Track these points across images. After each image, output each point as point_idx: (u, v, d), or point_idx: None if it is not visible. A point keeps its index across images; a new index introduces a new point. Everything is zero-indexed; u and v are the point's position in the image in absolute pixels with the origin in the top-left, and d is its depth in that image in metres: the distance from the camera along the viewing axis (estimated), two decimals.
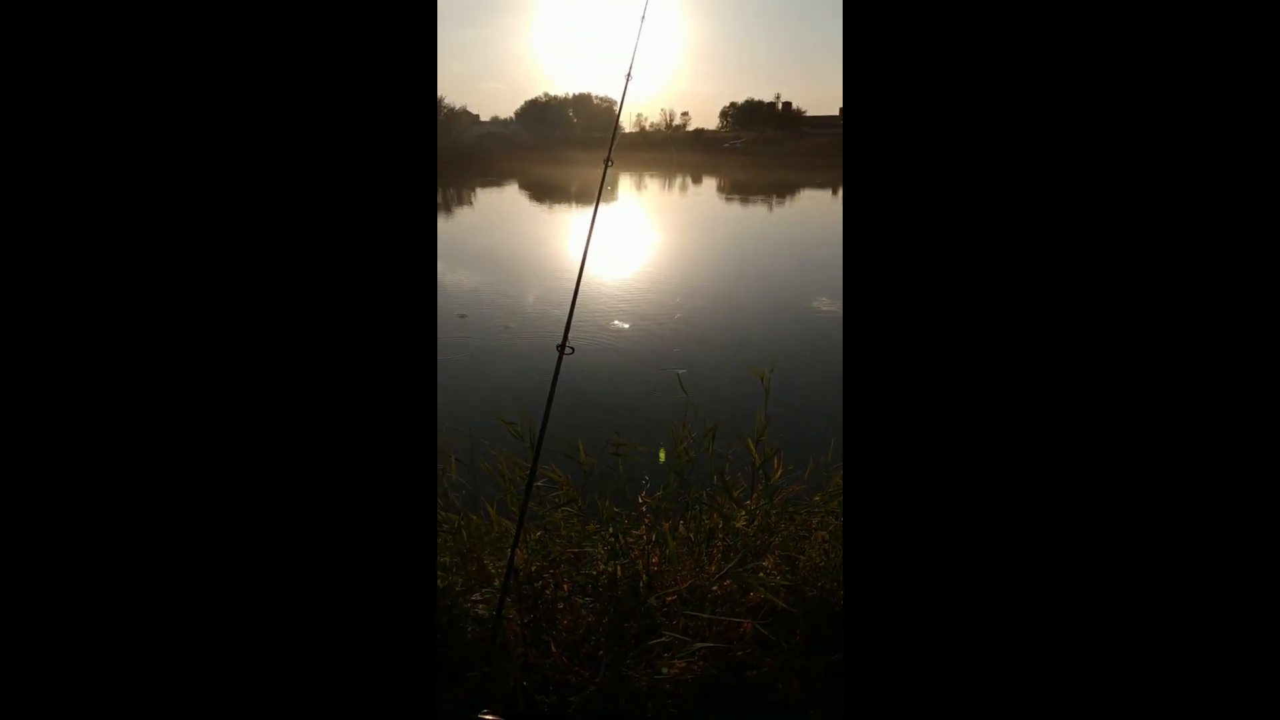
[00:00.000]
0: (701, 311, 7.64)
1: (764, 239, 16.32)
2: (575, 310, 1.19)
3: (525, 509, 1.07)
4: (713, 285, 9.27)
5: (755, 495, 1.73)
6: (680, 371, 5.20)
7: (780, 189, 29.28)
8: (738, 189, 31.08)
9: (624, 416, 4.32)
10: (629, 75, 1.43)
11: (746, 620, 1.39)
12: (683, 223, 20.22)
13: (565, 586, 1.49)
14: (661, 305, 7.92)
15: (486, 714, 1.03)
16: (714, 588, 1.48)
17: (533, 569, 1.51)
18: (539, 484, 1.50)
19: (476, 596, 1.33)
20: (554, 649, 1.31)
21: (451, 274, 10.41)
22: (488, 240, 15.28)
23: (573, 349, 1.09)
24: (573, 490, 1.59)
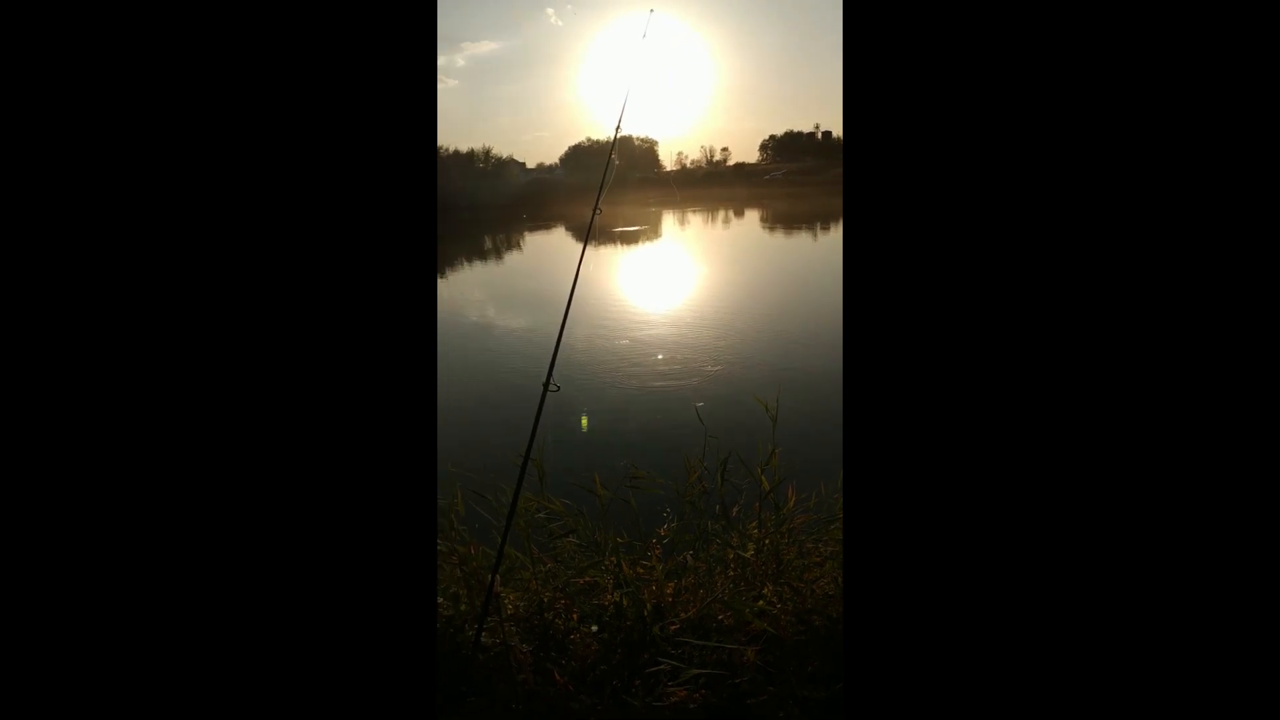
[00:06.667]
0: (738, 343, 7.65)
1: (808, 268, 16.23)
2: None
3: (505, 538, 1.13)
4: (749, 318, 9.27)
5: (762, 525, 1.74)
6: (699, 405, 5.22)
7: (823, 217, 29.14)
8: (780, 220, 31.08)
9: (648, 449, 4.39)
10: (619, 126, 1.52)
11: (750, 648, 1.40)
12: (725, 256, 20.32)
13: (574, 616, 1.53)
14: (697, 341, 7.97)
15: None
16: (719, 617, 1.49)
17: (544, 598, 1.56)
18: (540, 515, 1.56)
19: (483, 625, 1.38)
20: (558, 676, 1.34)
21: (502, 318, 10.76)
22: (535, 283, 15.71)
23: (558, 386, 1.16)
24: (572, 521, 1.64)
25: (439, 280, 17.52)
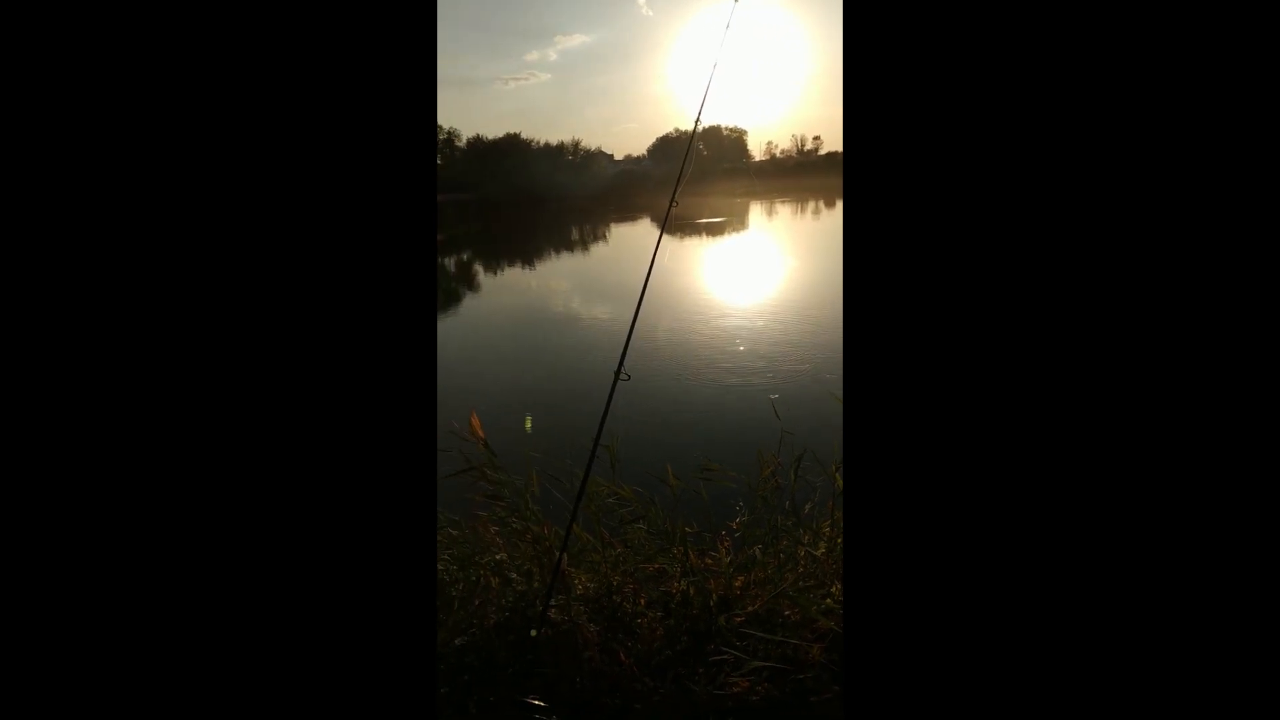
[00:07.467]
0: (814, 337, 7.47)
1: None
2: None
3: (573, 520, 1.17)
4: (835, 313, 9.02)
5: (835, 523, 1.71)
6: (773, 397, 5.12)
7: None
8: None
9: (723, 442, 4.37)
10: (698, 118, 1.53)
11: (816, 645, 1.39)
12: (813, 248, 19.81)
13: (642, 600, 1.56)
14: (780, 336, 7.84)
15: (533, 698, 1.13)
16: (786, 612, 1.49)
17: (613, 581, 1.60)
18: (610, 500, 1.60)
19: (553, 602, 1.44)
20: (623, 657, 1.38)
21: (586, 308, 10.98)
22: (618, 274, 15.91)
23: (628, 376, 1.19)
24: (642, 508, 1.67)
25: (527, 271, 18.10)
